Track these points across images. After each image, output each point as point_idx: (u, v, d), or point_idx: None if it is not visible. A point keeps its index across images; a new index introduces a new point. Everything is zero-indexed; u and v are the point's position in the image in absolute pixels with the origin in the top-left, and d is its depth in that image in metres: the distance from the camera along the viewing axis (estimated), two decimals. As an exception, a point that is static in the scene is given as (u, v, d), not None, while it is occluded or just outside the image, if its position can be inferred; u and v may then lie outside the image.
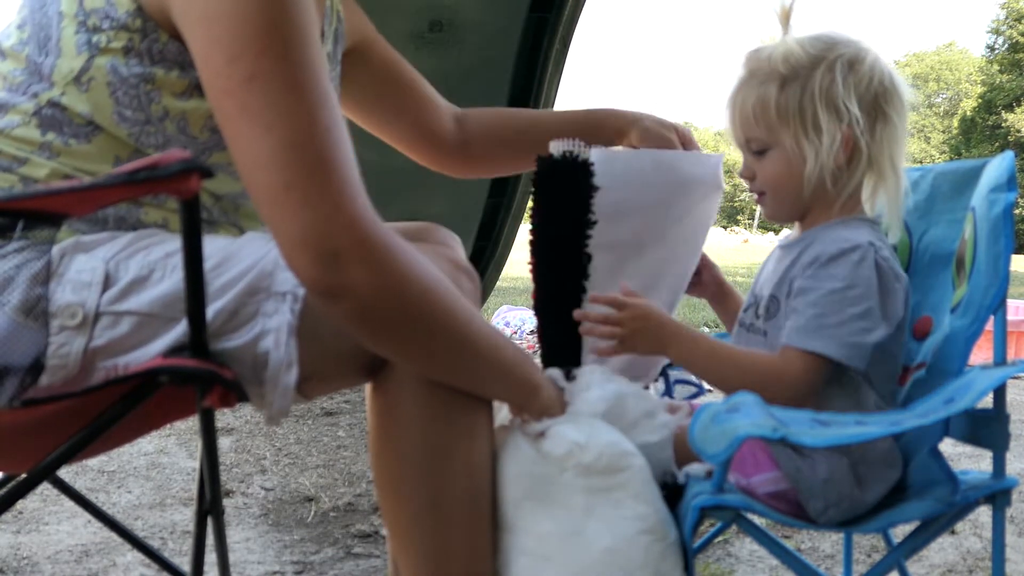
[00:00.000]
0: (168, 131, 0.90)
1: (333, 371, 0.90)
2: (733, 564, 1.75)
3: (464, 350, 0.88)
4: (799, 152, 1.08)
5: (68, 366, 0.79)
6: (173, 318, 0.81)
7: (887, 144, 1.09)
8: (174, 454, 2.46)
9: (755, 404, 0.90)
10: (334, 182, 0.78)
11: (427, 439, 0.89)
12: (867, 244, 1.03)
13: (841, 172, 1.08)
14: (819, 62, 1.07)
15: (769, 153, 1.10)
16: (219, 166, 0.94)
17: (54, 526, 1.88)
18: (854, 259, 1.02)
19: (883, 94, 1.09)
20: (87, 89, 0.88)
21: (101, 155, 0.90)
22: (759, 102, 1.08)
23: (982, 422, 1.00)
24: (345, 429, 2.78)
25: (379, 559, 1.74)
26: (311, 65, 0.79)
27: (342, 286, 0.78)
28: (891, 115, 1.09)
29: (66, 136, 0.89)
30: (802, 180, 1.08)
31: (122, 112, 0.89)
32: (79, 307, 0.80)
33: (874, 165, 1.09)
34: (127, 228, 0.90)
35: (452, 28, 2.28)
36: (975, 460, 2.45)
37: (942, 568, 1.75)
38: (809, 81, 1.06)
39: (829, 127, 1.06)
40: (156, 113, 0.89)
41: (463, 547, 0.91)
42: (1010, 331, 1.18)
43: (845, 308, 1.00)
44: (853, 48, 1.09)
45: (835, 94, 1.06)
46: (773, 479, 1.00)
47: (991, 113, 32.80)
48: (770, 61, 1.08)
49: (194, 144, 0.92)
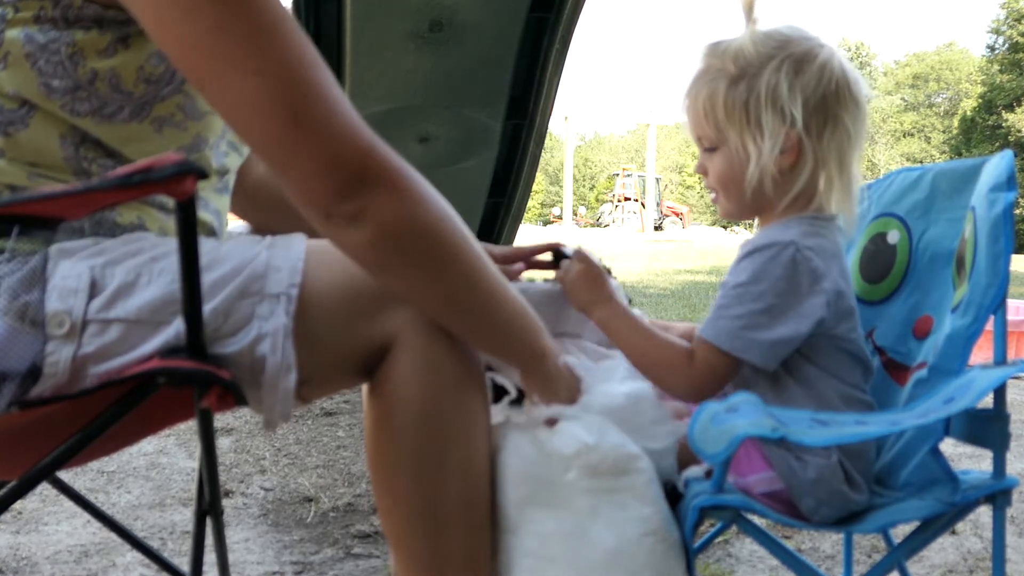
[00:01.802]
0: (101, 92, 0.87)
1: (330, 373, 0.89)
2: (733, 564, 1.75)
3: (475, 287, 0.87)
4: (743, 152, 1.06)
5: (58, 374, 0.78)
6: (162, 322, 0.80)
7: (835, 147, 1.06)
8: (173, 454, 2.45)
9: (754, 404, 0.90)
10: (341, 110, 0.77)
11: (424, 442, 0.88)
12: (787, 242, 1.01)
13: (784, 175, 1.06)
14: (768, 61, 1.04)
15: (718, 151, 1.09)
16: (163, 120, 0.91)
17: (54, 526, 1.88)
18: (767, 255, 1.01)
19: (832, 95, 1.05)
20: (5, 66, 0.85)
21: (47, 136, 0.87)
22: (708, 98, 1.07)
23: (982, 422, 1.00)
24: (345, 429, 2.77)
25: (379, 559, 1.74)
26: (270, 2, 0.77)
27: (365, 210, 0.77)
28: (842, 116, 1.05)
29: (3, 125, 0.87)
30: (744, 181, 1.06)
31: (48, 83, 0.86)
32: (66, 315, 0.79)
33: (821, 168, 1.06)
34: (104, 232, 0.89)
35: (452, 28, 2.28)
36: (975, 460, 2.45)
37: (942, 568, 1.75)
38: (756, 81, 1.04)
39: (773, 129, 1.03)
40: (84, 76, 0.86)
41: (460, 550, 0.90)
42: (1010, 331, 1.18)
43: (745, 302, 1.01)
44: (804, 47, 1.05)
45: (780, 95, 1.03)
46: (767, 479, 1.00)
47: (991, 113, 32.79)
48: (722, 58, 1.06)
49: (131, 100, 0.89)
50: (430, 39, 2.30)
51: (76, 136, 0.89)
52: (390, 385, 0.88)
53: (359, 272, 0.86)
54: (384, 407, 0.89)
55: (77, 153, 0.89)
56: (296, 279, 0.84)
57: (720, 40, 1.09)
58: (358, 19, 2.19)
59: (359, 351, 0.87)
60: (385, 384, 0.89)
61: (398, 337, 0.87)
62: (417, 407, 0.88)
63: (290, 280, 0.84)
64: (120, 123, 0.89)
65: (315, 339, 0.85)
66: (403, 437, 0.88)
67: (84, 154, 0.90)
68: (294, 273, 0.84)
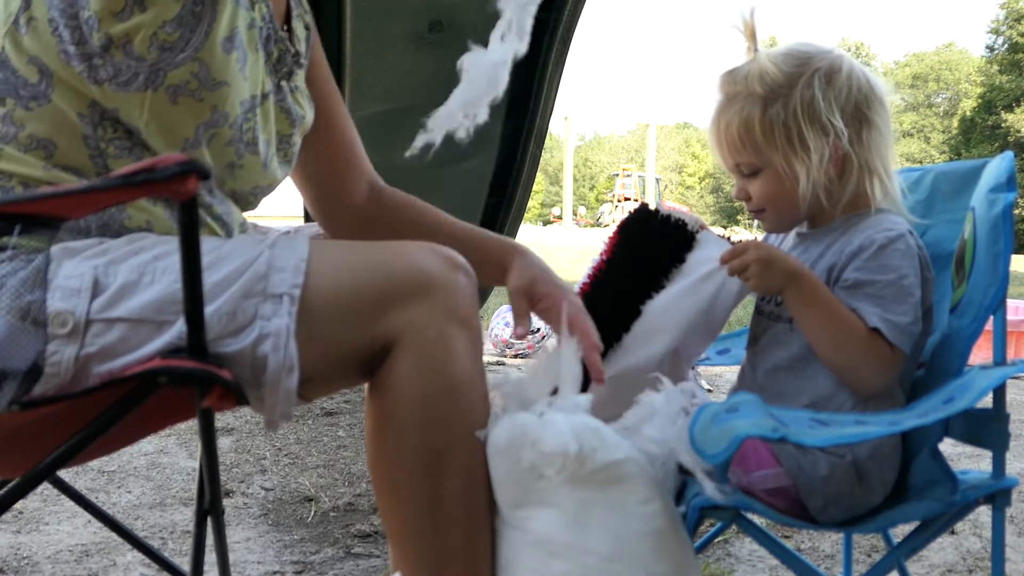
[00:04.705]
0: (116, 59, 0.88)
1: (332, 372, 0.89)
2: (733, 564, 1.75)
3: None
4: (791, 171, 1.07)
5: (60, 374, 0.79)
6: (165, 321, 0.80)
7: (874, 148, 1.09)
8: (174, 454, 2.46)
9: (754, 404, 0.90)
10: None
11: (425, 441, 0.88)
12: (908, 231, 1.05)
13: (833, 184, 1.08)
14: (797, 78, 1.06)
15: (761, 174, 1.10)
16: (177, 88, 0.92)
17: (54, 526, 1.88)
18: (902, 247, 1.03)
19: (864, 101, 1.08)
20: (28, 31, 0.86)
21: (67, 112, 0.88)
22: (742, 125, 1.08)
23: (982, 422, 1.01)
24: (345, 429, 2.78)
25: (379, 559, 1.74)
26: None
27: None
28: (875, 120, 1.09)
29: (24, 99, 0.87)
30: (797, 197, 1.08)
31: (67, 50, 0.87)
32: (69, 315, 0.79)
33: (866, 170, 1.09)
34: (111, 234, 0.90)
35: (452, 28, 2.28)
36: (975, 460, 2.45)
37: (942, 568, 1.75)
38: (790, 99, 1.06)
39: (816, 143, 1.06)
40: (99, 42, 0.87)
41: (461, 549, 0.90)
42: (1010, 331, 1.18)
43: (904, 298, 1.01)
44: (827, 60, 1.08)
45: (817, 110, 1.06)
46: (774, 476, 1.00)
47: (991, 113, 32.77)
48: (747, 82, 1.08)
49: (143, 67, 0.89)
50: (430, 39, 2.30)
51: (95, 113, 0.90)
52: (392, 385, 0.88)
53: (362, 272, 0.86)
54: (386, 407, 0.89)
55: (95, 132, 0.90)
56: (299, 279, 0.84)
57: (734, 68, 1.11)
58: (358, 19, 2.19)
59: (361, 351, 0.87)
60: (387, 384, 0.89)
61: (400, 337, 0.87)
62: (419, 407, 0.88)
63: (293, 280, 0.84)
64: (135, 91, 0.90)
65: (317, 339, 0.85)
66: (405, 437, 0.88)
67: (102, 134, 0.91)
68: (297, 273, 0.84)
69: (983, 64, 37.03)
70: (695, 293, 1.16)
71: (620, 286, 1.17)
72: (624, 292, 1.17)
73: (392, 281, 0.88)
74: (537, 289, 1.10)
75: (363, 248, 0.92)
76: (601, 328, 1.11)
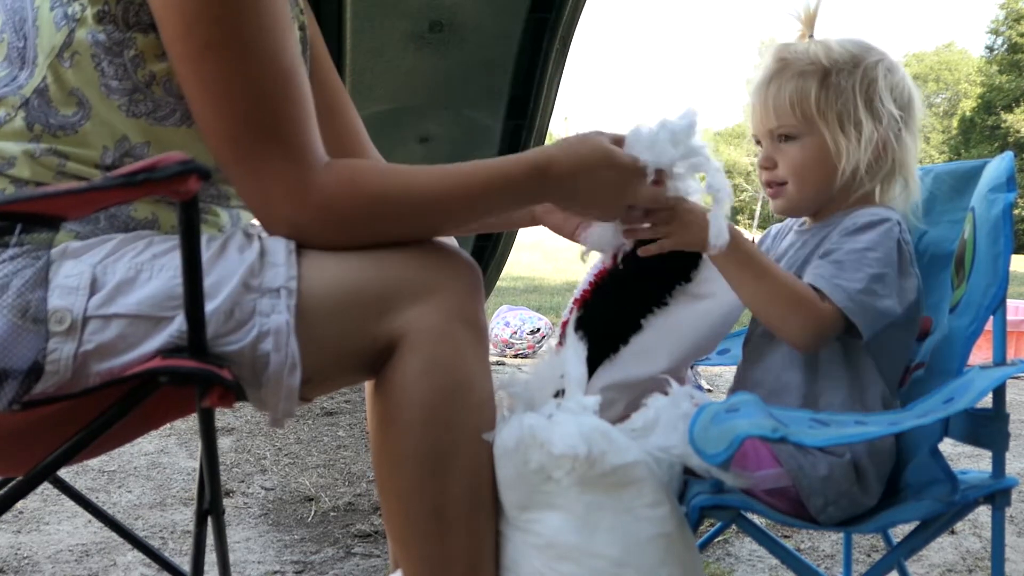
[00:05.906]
0: (156, 95, 0.90)
1: (334, 371, 0.89)
2: (733, 564, 1.75)
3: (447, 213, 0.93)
4: (835, 145, 1.09)
5: (60, 372, 0.78)
6: (164, 317, 0.80)
7: (907, 150, 1.12)
8: (174, 454, 2.46)
9: (754, 404, 0.90)
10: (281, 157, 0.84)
11: (429, 442, 0.88)
12: (895, 221, 1.06)
13: (869, 169, 1.10)
14: (860, 61, 1.10)
15: (799, 141, 1.11)
16: None
17: (54, 526, 1.88)
18: (882, 229, 1.04)
19: (908, 104, 1.12)
20: (71, 64, 0.87)
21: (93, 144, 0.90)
22: (797, 92, 1.10)
23: (982, 422, 1.01)
24: (345, 429, 2.78)
25: (379, 559, 1.74)
26: (267, 35, 0.82)
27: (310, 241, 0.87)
28: (912, 126, 1.13)
29: (53, 127, 0.88)
30: (835, 171, 1.10)
31: (108, 84, 0.88)
32: (67, 312, 0.79)
33: (899, 168, 1.11)
34: (118, 225, 0.90)
35: (452, 28, 2.28)
36: (975, 460, 2.45)
37: (942, 568, 1.75)
38: (852, 76, 1.09)
39: (868, 125, 1.09)
40: (142, 79, 0.89)
41: (465, 550, 0.90)
42: (1010, 331, 1.18)
43: (862, 267, 1.01)
44: (889, 56, 1.12)
45: (875, 94, 1.09)
46: (775, 476, 1.00)
47: (990, 114, 32.81)
48: (808, 54, 1.10)
49: (182, 104, 0.91)
50: (430, 39, 2.30)
51: (120, 149, 0.91)
52: (397, 385, 0.87)
53: (365, 269, 0.86)
54: (390, 407, 0.88)
55: (113, 165, 0.91)
56: (293, 271, 0.84)
57: (791, 42, 1.14)
58: (358, 19, 2.19)
59: (364, 350, 0.87)
60: (391, 384, 0.88)
61: (405, 337, 0.86)
62: (424, 408, 0.87)
63: (288, 273, 0.84)
64: (172, 127, 0.92)
65: (319, 337, 0.84)
66: (409, 437, 0.88)
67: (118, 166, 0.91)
68: (290, 265, 0.84)
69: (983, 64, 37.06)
70: (697, 318, 1.16)
71: (623, 296, 1.17)
72: (626, 303, 1.17)
73: (396, 278, 0.87)
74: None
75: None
76: (599, 337, 1.11)
